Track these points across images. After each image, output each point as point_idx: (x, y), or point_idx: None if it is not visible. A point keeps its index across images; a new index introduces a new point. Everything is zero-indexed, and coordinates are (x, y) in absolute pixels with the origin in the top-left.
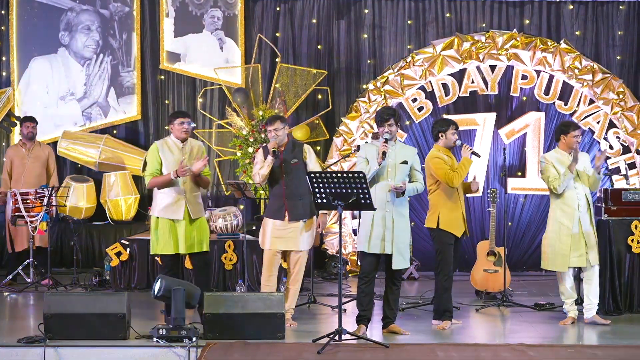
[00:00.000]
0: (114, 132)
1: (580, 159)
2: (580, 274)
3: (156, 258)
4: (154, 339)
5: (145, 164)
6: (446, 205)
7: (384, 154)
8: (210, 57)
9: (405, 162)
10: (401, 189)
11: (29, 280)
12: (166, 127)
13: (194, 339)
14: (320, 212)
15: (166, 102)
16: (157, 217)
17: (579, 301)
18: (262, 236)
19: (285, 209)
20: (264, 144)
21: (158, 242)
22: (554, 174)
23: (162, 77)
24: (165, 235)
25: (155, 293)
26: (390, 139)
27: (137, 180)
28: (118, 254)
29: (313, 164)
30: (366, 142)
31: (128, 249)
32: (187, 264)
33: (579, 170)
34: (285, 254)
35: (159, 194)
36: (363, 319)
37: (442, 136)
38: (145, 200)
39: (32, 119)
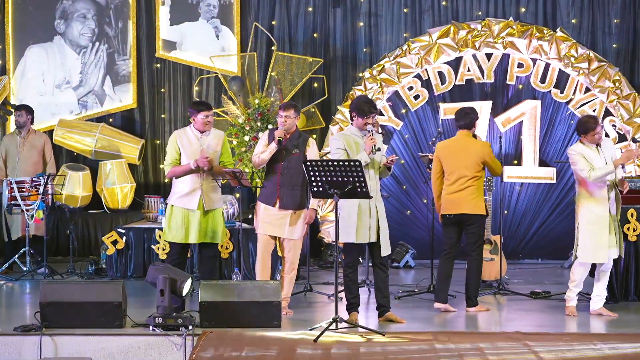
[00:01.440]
0: (110, 120)
1: (606, 144)
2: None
3: (152, 247)
4: (150, 328)
5: (165, 153)
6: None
7: (374, 147)
8: (206, 45)
9: (379, 150)
10: (393, 162)
11: (25, 268)
12: (162, 116)
13: (190, 327)
14: (311, 207)
15: (162, 90)
16: (172, 206)
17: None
18: (256, 220)
19: (277, 196)
20: (274, 128)
21: (170, 229)
22: (585, 164)
23: (158, 65)
24: (178, 224)
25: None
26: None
27: (133, 168)
28: (114, 243)
29: (312, 157)
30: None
31: (124, 238)
32: None
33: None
34: (279, 242)
35: (177, 182)
36: (354, 306)
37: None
38: (142, 189)
39: (22, 107)
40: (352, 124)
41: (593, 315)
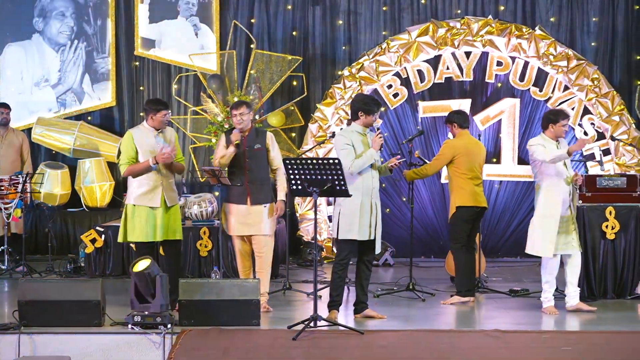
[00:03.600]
0: (89, 118)
1: (564, 144)
2: (564, 261)
3: (131, 245)
4: (129, 326)
5: (119, 152)
6: None
7: (382, 145)
8: (185, 43)
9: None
10: (398, 165)
11: (3, 267)
12: (141, 114)
13: (169, 325)
14: (279, 199)
15: (141, 88)
16: (134, 205)
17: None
18: (226, 222)
19: (247, 194)
20: (229, 130)
21: (134, 229)
22: (543, 151)
23: (137, 63)
24: (142, 223)
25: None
26: None
27: (112, 167)
28: (93, 241)
29: (275, 151)
30: (342, 129)
31: (103, 236)
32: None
33: (567, 162)
34: (250, 239)
35: (134, 181)
36: (336, 304)
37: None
38: (120, 187)
39: (4, 105)
40: (356, 122)
41: (572, 313)
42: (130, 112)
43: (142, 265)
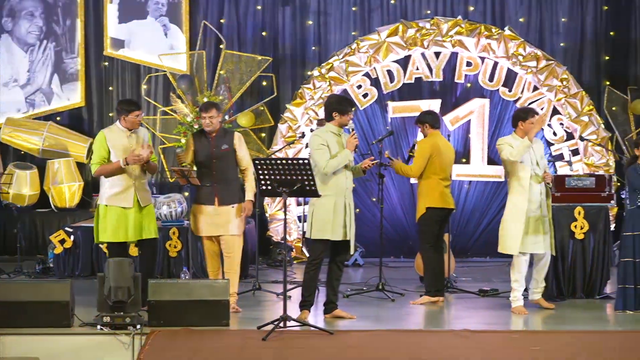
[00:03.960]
0: (58, 119)
1: (536, 145)
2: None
3: (100, 246)
4: (98, 327)
5: (89, 152)
6: None
7: (357, 146)
8: (154, 43)
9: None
10: (371, 166)
11: None
12: (110, 114)
13: (138, 326)
14: (247, 199)
15: (110, 88)
16: (105, 205)
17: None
18: (195, 223)
19: (215, 194)
20: (196, 131)
21: (106, 230)
22: (510, 149)
23: (106, 63)
24: (114, 223)
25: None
26: None
27: (81, 167)
28: (62, 242)
29: (243, 151)
30: (312, 130)
31: (72, 237)
32: (132, 251)
33: (538, 159)
34: (218, 240)
35: (106, 181)
36: (307, 304)
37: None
38: (90, 188)
39: None
40: (330, 122)
41: (541, 313)
42: (99, 112)
43: None
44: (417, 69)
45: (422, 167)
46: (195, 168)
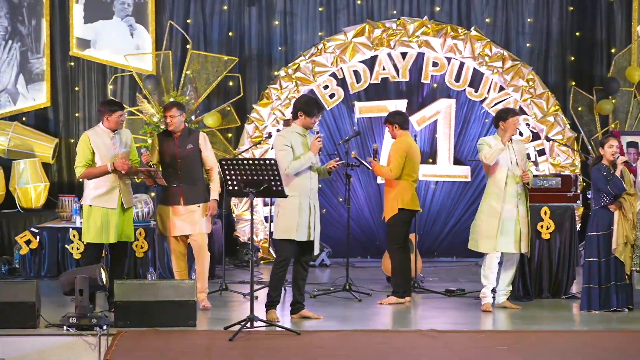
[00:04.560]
0: (23, 119)
1: (517, 146)
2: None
3: (67, 246)
4: (64, 328)
5: (55, 152)
6: None
7: (321, 149)
8: (120, 43)
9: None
10: (336, 167)
11: None
12: (77, 115)
13: (104, 327)
14: (212, 198)
15: (76, 89)
16: (90, 206)
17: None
18: (162, 223)
19: (180, 194)
20: (162, 132)
21: (89, 230)
22: (488, 150)
23: (72, 63)
24: (97, 224)
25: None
26: None
27: (47, 167)
28: (27, 242)
29: (208, 151)
30: (278, 130)
31: (38, 237)
32: None
33: (518, 160)
34: (184, 240)
35: (91, 182)
36: (274, 304)
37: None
38: (55, 188)
39: None
40: (295, 122)
41: (508, 313)
42: (65, 112)
43: None
44: (384, 69)
45: (401, 167)
46: (160, 168)
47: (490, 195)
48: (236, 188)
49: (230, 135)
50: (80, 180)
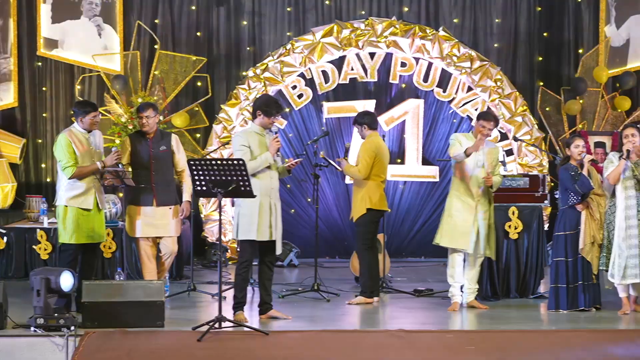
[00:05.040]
0: None
1: (487, 149)
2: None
3: (34, 247)
4: (32, 328)
5: (22, 153)
6: None
7: (279, 149)
8: (88, 43)
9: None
10: (295, 165)
11: None
12: (44, 115)
13: (72, 327)
14: (185, 200)
15: (44, 89)
16: (65, 206)
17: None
18: (131, 224)
19: (153, 195)
20: (133, 132)
21: (65, 230)
22: (457, 147)
23: (40, 63)
24: (74, 225)
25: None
26: None
27: (14, 168)
28: None
29: (181, 153)
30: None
31: (5, 238)
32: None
33: (486, 163)
34: (155, 241)
35: (66, 182)
36: (241, 305)
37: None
38: (23, 189)
39: None
40: (253, 122)
41: (476, 313)
42: (32, 113)
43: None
44: (352, 69)
45: (370, 167)
46: (130, 169)
47: (453, 194)
48: (204, 188)
49: (198, 135)
50: (49, 180)
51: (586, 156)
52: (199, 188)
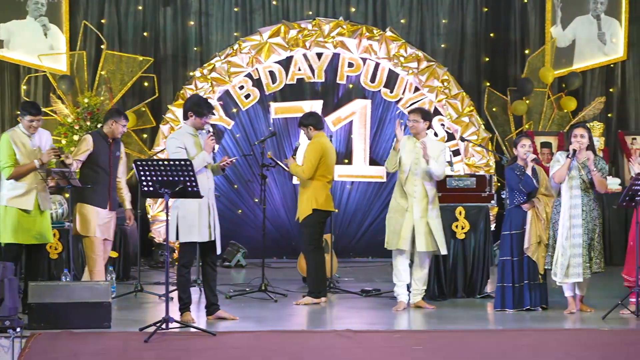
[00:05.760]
0: None
1: (428, 144)
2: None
3: None
4: None
5: None
6: None
7: (214, 148)
8: (34, 43)
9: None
10: (230, 164)
11: None
12: None
13: (18, 329)
14: (128, 208)
15: None
16: (5, 206)
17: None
18: (86, 223)
19: (108, 198)
20: (95, 131)
21: (5, 230)
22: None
23: None
24: (15, 225)
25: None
26: None
27: None
28: None
29: (125, 160)
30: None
31: None
32: None
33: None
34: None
35: (7, 182)
36: (187, 306)
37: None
38: None
39: None
40: (185, 123)
41: (423, 313)
42: None
43: None
44: (299, 69)
45: (314, 168)
46: (77, 169)
47: (394, 192)
48: (151, 189)
49: (145, 135)
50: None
51: (530, 155)
52: (145, 189)
